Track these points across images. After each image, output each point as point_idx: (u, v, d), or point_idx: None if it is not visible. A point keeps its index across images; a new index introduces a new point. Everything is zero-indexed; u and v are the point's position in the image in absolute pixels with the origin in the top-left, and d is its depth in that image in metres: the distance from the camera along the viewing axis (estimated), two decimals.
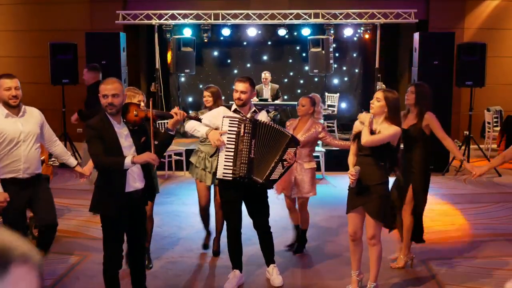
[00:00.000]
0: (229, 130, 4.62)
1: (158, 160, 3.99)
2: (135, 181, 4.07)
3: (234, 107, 4.81)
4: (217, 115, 4.79)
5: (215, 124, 4.75)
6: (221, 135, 4.62)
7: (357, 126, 4.51)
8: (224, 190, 4.78)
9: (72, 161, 4.92)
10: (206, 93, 5.54)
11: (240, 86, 4.72)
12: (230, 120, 4.64)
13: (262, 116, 4.87)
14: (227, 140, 4.61)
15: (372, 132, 4.30)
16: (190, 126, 4.89)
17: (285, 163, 4.60)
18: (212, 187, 5.52)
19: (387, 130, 4.28)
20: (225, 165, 4.61)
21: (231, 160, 4.59)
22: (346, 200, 4.54)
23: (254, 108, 4.87)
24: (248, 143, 4.58)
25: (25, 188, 4.51)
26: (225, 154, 4.61)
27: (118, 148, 3.98)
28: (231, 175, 4.60)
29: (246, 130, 4.58)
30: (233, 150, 4.59)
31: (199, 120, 4.62)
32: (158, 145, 4.08)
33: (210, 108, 5.35)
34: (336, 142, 5.63)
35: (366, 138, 4.26)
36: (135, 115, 4.00)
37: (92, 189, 4.20)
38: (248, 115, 4.74)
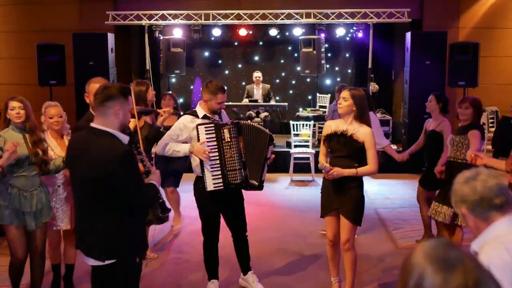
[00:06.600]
0: (207, 138, 4.31)
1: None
2: None
3: (202, 113, 4.47)
4: (185, 126, 4.45)
5: (187, 137, 4.43)
6: (202, 144, 4.30)
7: (327, 127, 4.38)
8: (204, 203, 4.52)
9: None
10: (16, 104, 4.18)
11: (224, 97, 4.45)
12: (205, 128, 4.32)
13: (225, 115, 4.72)
14: (209, 149, 4.31)
15: (344, 134, 4.18)
16: (167, 148, 4.43)
17: (268, 161, 4.46)
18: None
19: (367, 138, 4.16)
20: (213, 175, 4.30)
21: (218, 169, 4.31)
22: (320, 203, 4.41)
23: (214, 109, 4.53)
24: (236, 148, 4.34)
25: None
26: (209, 164, 4.30)
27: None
28: (221, 185, 4.32)
29: (232, 135, 4.34)
30: (217, 158, 4.31)
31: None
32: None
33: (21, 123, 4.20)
34: None
35: (374, 167, 4.18)
36: None
37: None
38: (216, 118, 4.51)
